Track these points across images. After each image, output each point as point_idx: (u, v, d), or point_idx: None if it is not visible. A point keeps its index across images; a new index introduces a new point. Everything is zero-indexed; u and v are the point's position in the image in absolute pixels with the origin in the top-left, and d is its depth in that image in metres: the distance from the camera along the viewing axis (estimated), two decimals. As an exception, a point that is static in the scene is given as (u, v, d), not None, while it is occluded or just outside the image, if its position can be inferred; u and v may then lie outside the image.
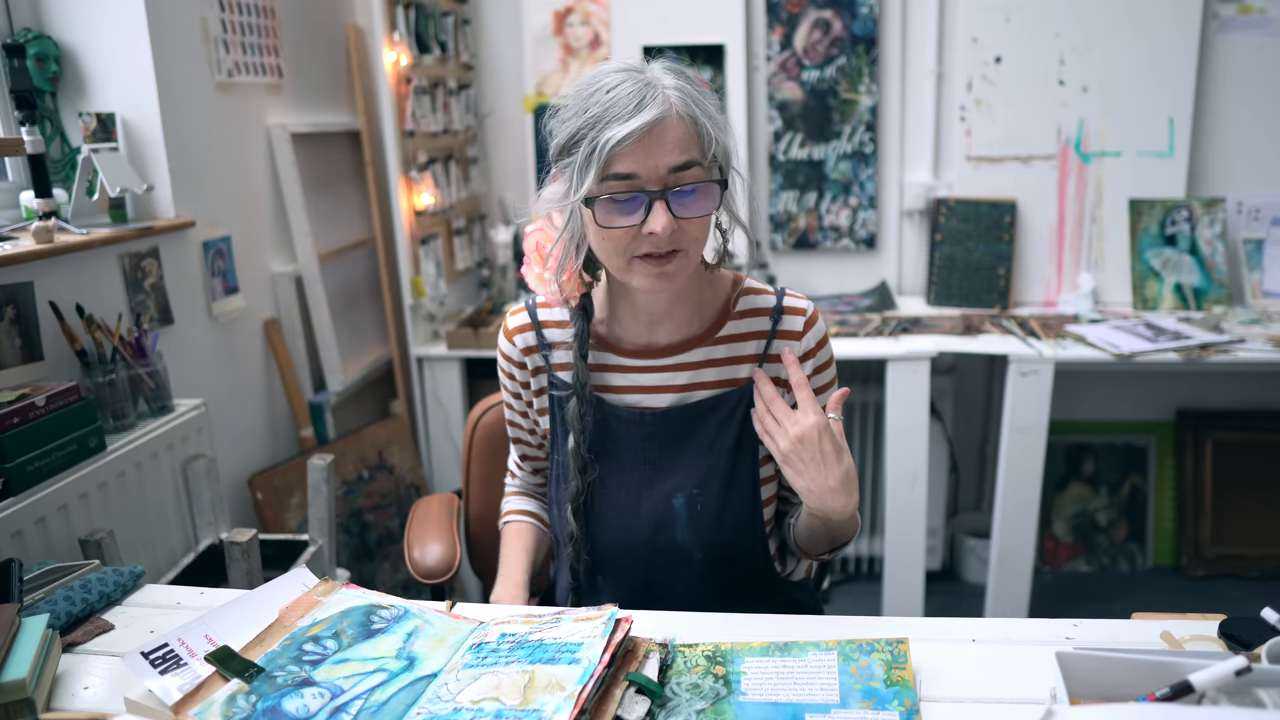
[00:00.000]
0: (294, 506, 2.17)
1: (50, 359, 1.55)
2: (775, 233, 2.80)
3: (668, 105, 0.99)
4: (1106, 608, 2.63)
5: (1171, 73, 2.50)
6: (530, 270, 1.17)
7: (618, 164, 0.98)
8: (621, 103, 0.98)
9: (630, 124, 0.96)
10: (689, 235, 1.02)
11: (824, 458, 1.02)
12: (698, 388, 1.16)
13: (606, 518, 1.17)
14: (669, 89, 1.00)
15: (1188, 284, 2.55)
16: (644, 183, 0.99)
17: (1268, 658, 0.84)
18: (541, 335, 1.20)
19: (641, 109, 0.97)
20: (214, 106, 2.01)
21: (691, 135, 1.00)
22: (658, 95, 0.99)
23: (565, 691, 0.83)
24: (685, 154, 0.99)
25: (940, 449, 2.70)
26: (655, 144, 0.98)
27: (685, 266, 1.05)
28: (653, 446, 1.16)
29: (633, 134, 0.96)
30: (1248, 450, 2.74)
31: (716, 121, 1.03)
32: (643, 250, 1.02)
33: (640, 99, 0.98)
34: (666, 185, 0.99)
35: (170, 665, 0.91)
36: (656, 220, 0.98)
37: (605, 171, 0.98)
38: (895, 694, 0.86)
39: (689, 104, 1.00)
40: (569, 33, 2.70)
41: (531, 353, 1.21)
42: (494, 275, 2.83)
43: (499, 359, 1.25)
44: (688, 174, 1.00)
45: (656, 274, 1.03)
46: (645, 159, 0.98)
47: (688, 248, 1.03)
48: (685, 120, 1.00)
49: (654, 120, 0.97)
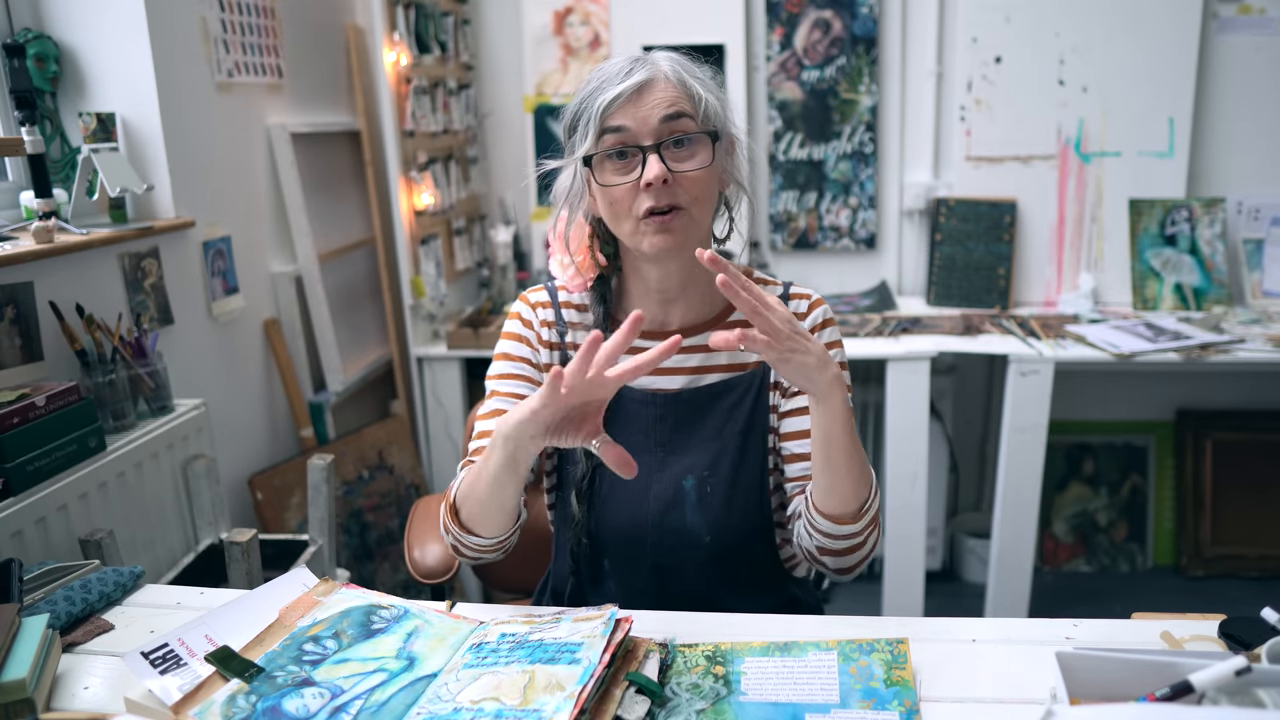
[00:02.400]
0: (294, 506, 2.17)
1: (50, 359, 1.55)
2: (775, 233, 2.80)
3: (656, 69, 1.07)
4: (1106, 608, 2.63)
5: (1171, 73, 2.50)
6: (555, 259, 1.20)
7: (610, 121, 1.05)
8: (615, 72, 1.07)
9: (621, 85, 1.05)
10: (688, 192, 1.06)
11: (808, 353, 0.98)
12: (709, 370, 1.17)
13: (615, 499, 1.17)
14: (660, 58, 1.09)
15: (1188, 284, 2.55)
16: (636, 136, 1.05)
17: (1268, 658, 0.84)
18: (560, 315, 1.22)
19: (632, 73, 1.06)
20: (214, 106, 2.01)
21: (681, 94, 1.07)
22: (648, 62, 1.08)
23: (565, 691, 0.83)
24: (674, 106, 1.06)
25: (940, 449, 2.70)
26: (644, 100, 1.05)
27: (688, 225, 1.07)
28: (664, 428, 1.17)
29: (623, 93, 1.04)
30: (1248, 450, 2.74)
31: (706, 83, 1.10)
32: (644, 207, 1.06)
33: (632, 66, 1.07)
34: (658, 137, 1.05)
35: (170, 665, 0.91)
36: (650, 170, 1.04)
37: (600, 130, 1.06)
38: (895, 694, 0.86)
39: (678, 68, 1.09)
40: (569, 33, 2.70)
41: (549, 326, 1.21)
42: (494, 275, 2.83)
43: (512, 323, 1.22)
44: (678, 124, 1.06)
45: (660, 229, 1.06)
46: (635, 113, 1.05)
47: (688, 206, 1.07)
48: (674, 81, 1.07)
49: (643, 80, 1.05)
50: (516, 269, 2.79)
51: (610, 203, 1.08)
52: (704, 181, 1.07)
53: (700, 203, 1.08)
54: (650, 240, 1.07)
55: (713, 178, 1.09)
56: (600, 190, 1.08)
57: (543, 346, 1.21)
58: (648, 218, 1.06)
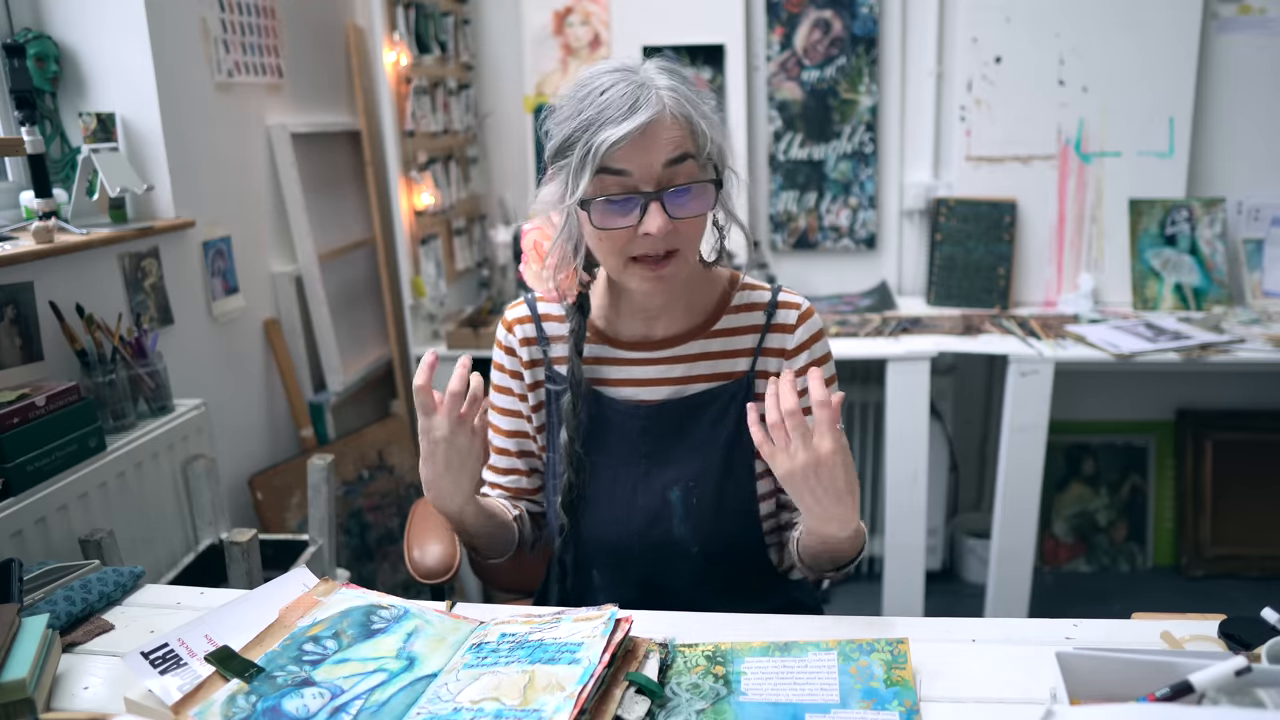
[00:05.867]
0: (294, 506, 2.17)
1: (50, 359, 1.55)
2: (775, 233, 2.80)
3: (661, 105, 0.99)
4: (1106, 608, 2.63)
5: (1171, 73, 2.50)
6: (528, 269, 1.19)
7: (611, 164, 0.99)
8: (615, 104, 0.98)
9: (624, 126, 0.97)
10: (684, 236, 1.03)
11: (835, 492, 0.96)
12: (693, 381, 1.16)
13: (601, 511, 1.17)
14: (662, 89, 1.01)
15: (1188, 284, 2.55)
16: (638, 182, 1.00)
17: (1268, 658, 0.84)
18: (541, 328, 1.21)
19: (635, 110, 0.98)
20: (214, 106, 2.01)
21: (685, 134, 1.01)
22: (651, 96, 0.99)
23: (565, 691, 0.83)
24: (679, 149, 1.00)
25: (940, 449, 2.70)
26: (649, 143, 0.99)
27: (681, 268, 1.06)
28: (649, 440, 1.16)
29: (626, 136, 0.97)
30: (1248, 450, 2.74)
31: (711, 120, 1.04)
32: (638, 251, 1.03)
33: (634, 100, 0.98)
34: (661, 184, 1.00)
35: (170, 665, 0.91)
36: (652, 221, 0.99)
37: (599, 169, 0.99)
38: (895, 694, 0.86)
39: (682, 103, 1.01)
40: (569, 33, 2.70)
41: (530, 344, 1.21)
42: (494, 275, 2.83)
43: (496, 352, 1.24)
44: (682, 169, 1.01)
45: (653, 277, 1.04)
46: (639, 158, 0.99)
47: (683, 248, 1.04)
48: (679, 119, 1.01)
49: (647, 121, 0.98)
50: (516, 269, 2.79)
51: (602, 240, 1.03)
52: (702, 224, 1.05)
53: (694, 242, 1.06)
54: (639, 284, 1.05)
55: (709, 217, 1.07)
56: (593, 231, 1.03)
57: (526, 369, 1.22)
58: (638, 260, 1.03)
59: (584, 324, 1.16)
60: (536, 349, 1.21)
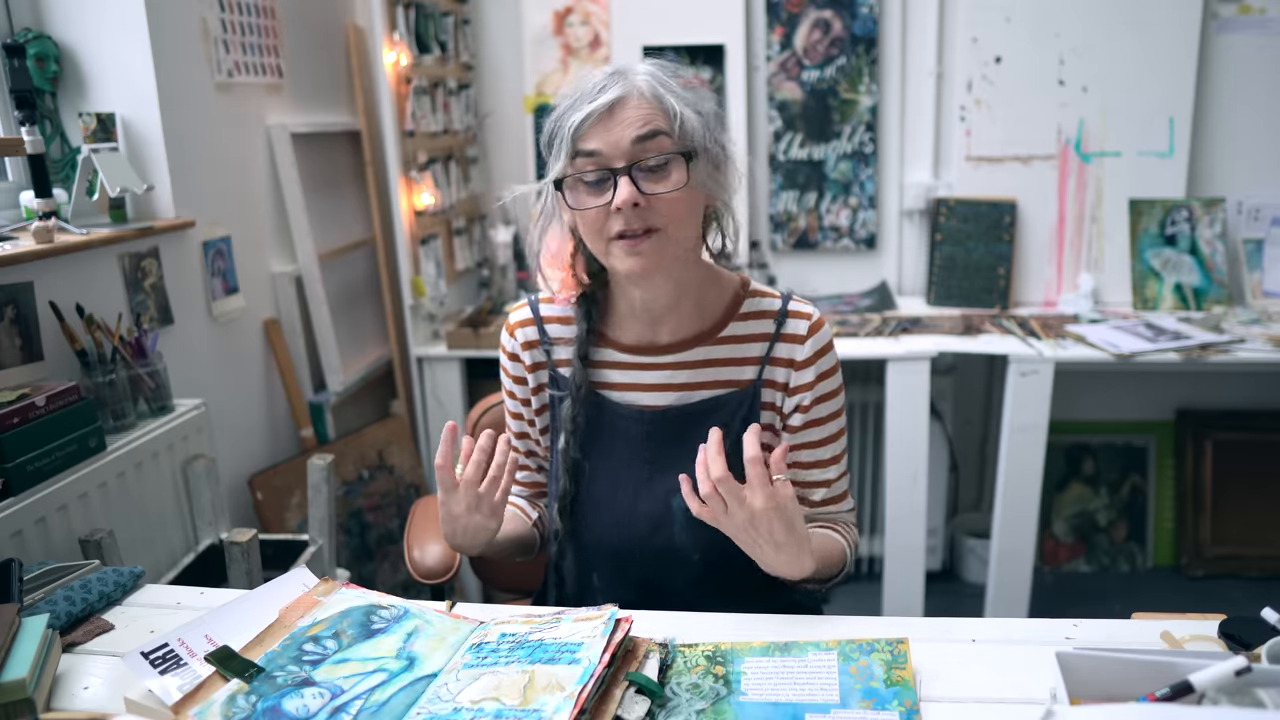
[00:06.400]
0: (294, 506, 2.17)
1: (50, 359, 1.55)
2: (775, 233, 2.80)
3: (631, 86, 1.03)
4: (1106, 608, 2.63)
5: (1171, 73, 2.50)
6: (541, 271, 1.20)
7: (582, 143, 1.02)
8: (587, 93, 1.03)
9: (591, 104, 1.01)
10: (662, 214, 1.03)
11: (774, 543, 0.98)
12: (698, 387, 1.16)
13: (602, 516, 1.17)
14: (638, 74, 1.04)
15: (1188, 284, 2.55)
16: (608, 159, 1.02)
17: (1268, 658, 0.84)
18: (544, 331, 1.21)
19: (604, 90, 1.02)
20: (214, 106, 2.01)
21: (656, 110, 1.03)
22: (623, 79, 1.03)
23: (565, 691, 0.83)
24: (648, 125, 1.02)
25: (940, 449, 2.70)
26: (616, 120, 1.02)
27: (664, 247, 1.04)
28: (652, 445, 1.16)
29: (593, 113, 1.01)
30: (1248, 450, 2.74)
31: (684, 97, 1.05)
32: (616, 230, 1.03)
33: (605, 83, 1.03)
34: (631, 159, 1.02)
35: (170, 665, 0.91)
36: (621, 194, 1.01)
37: (572, 153, 1.02)
38: (895, 694, 0.86)
39: (654, 84, 1.04)
40: (569, 33, 2.70)
41: (533, 347, 1.21)
42: (494, 275, 2.83)
43: (500, 354, 1.25)
44: (652, 144, 1.02)
45: (630, 252, 1.04)
46: (607, 136, 1.02)
47: (664, 227, 1.04)
48: (648, 98, 1.03)
49: (615, 99, 1.01)
50: (516, 269, 2.79)
51: (584, 223, 1.06)
52: (681, 202, 1.04)
53: (679, 222, 1.05)
54: (623, 262, 1.05)
55: (692, 196, 1.06)
56: (571, 213, 1.06)
57: (529, 373, 1.22)
58: (618, 239, 1.04)
59: (589, 329, 1.16)
60: (539, 351, 1.21)
